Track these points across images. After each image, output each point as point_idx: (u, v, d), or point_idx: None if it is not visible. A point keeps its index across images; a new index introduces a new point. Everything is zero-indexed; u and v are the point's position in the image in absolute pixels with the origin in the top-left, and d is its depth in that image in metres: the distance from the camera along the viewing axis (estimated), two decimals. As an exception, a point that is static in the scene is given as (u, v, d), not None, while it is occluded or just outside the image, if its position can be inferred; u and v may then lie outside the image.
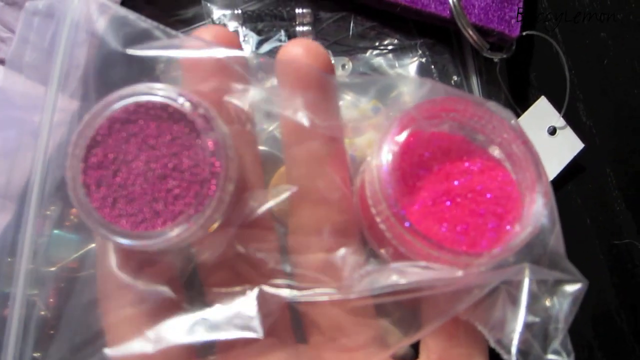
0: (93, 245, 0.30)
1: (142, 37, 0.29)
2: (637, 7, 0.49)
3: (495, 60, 0.50)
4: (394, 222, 0.29)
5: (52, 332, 0.29)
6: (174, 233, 0.27)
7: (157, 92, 0.27)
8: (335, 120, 0.30)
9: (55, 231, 0.31)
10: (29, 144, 0.31)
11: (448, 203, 0.30)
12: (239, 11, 0.48)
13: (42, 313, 0.29)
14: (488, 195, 0.30)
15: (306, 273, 0.30)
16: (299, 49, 0.30)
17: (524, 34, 0.49)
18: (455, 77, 0.50)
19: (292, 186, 0.30)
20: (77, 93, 0.30)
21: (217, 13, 0.48)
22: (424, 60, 0.51)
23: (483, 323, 0.29)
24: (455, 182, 0.30)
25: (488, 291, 0.29)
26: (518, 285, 0.29)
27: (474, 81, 0.51)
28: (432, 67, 0.50)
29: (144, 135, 0.27)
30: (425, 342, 0.31)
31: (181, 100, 0.27)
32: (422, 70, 0.50)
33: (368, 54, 0.50)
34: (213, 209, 0.27)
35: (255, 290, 0.29)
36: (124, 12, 0.29)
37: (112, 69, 0.29)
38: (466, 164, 0.31)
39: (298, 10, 0.49)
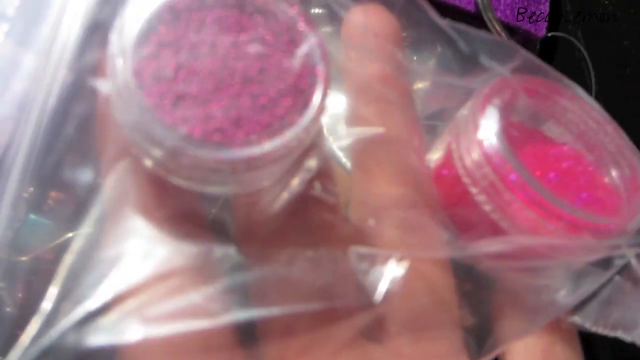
0: (71, 234, 0.23)
1: None
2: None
3: (518, 61, 0.46)
4: (502, 188, 0.24)
5: (19, 332, 0.22)
6: (265, 148, 0.20)
7: None
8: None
9: (32, 216, 0.25)
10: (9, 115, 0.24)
11: (552, 175, 0.25)
12: None
13: (9, 310, 0.24)
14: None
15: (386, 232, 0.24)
16: (364, 17, 0.27)
17: (549, 35, 0.46)
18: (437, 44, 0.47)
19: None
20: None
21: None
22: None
23: (602, 324, 0.24)
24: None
25: (593, 290, 0.24)
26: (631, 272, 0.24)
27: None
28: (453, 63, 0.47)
29: (220, 27, 0.21)
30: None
31: None
32: (442, 67, 0.46)
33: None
34: (310, 125, 0.21)
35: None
36: None
37: None
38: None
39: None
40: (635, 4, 0.48)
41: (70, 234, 0.24)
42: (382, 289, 0.22)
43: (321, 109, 0.21)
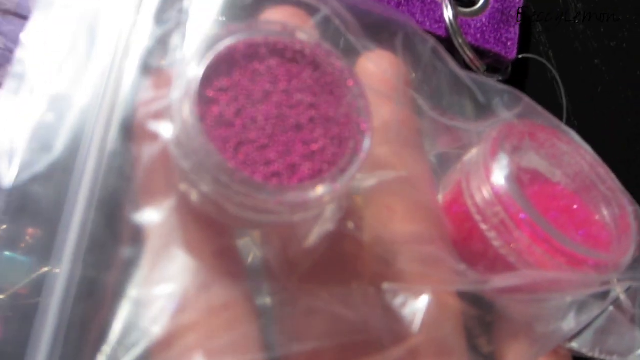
0: (47, 268, 0.24)
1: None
2: (630, 35, 0.50)
3: (491, 82, 0.48)
4: (512, 226, 0.26)
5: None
6: (318, 192, 0.22)
7: (295, 34, 0.24)
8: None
9: (7, 253, 0.25)
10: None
11: (553, 213, 0.28)
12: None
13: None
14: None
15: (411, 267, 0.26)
16: (377, 62, 0.28)
17: (520, 56, 0.48)
18: (452, 91, 0.49)
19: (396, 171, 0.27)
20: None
21: None
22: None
23: (598, 350, 0.27)
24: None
25: (590, 319, 0.26)
26: (628, 303, 0.27)
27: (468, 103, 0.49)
28: (425, 86, 0.48)
29: (273, 76, 0.23)
30: None
31: (319, 46, 0.24)
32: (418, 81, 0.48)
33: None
34: (356, 172, 0.23)
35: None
36: None
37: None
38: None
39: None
40: (604, 21, 0.51)
41: (45, 269, 0.24)
42: (417, 321, 0.24)
43: (366, 158, 0.23)
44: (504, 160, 0.27)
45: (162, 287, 0.23)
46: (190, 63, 0.22)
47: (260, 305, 0.24)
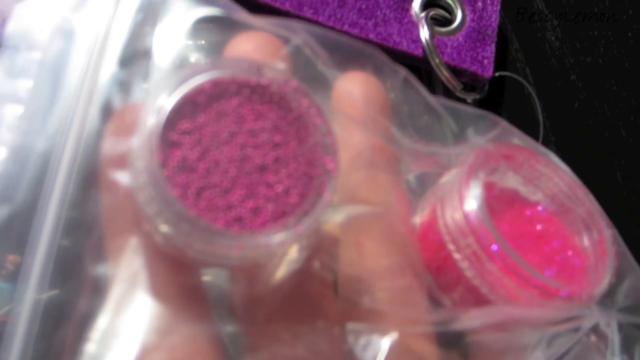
0: (29, 295, 0.24)
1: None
2: (605, 51, 0.50)
3: (468, 100, 0.48)
4: (483, 257, 0.26)
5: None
6: (280, 237, 0.22)
7: (262, 71, 0.23)
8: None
9: None
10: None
11: (528, 237, 0.28)
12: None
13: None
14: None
15: (379, 306, 0.25)
16: (353, 85, 0.28)
17: (496, 74, 0.48)
18: (426, 117, 0.48)
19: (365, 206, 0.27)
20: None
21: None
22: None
23: None
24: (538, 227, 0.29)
25: (561, 352, 0.26)
26: (602, 334, 0.27)
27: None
28: (398, 114, 0.48)
29: (239, 116, 0.23)
30: None
31: (286, 83, 0.23)
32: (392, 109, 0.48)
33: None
34: (321, 214, 0.23)
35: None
36: None
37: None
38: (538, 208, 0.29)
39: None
40: (579, 37, 0.51)
41: (29, 295, 0.24)
42: None
43: (330, 198, 0.23)
44: (477, 189, 0.26)
45: (122, 338, 0.22)
46: (153, 106, 0.22)
47: (224, 347, 0.24)
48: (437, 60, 0.47)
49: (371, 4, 0.48)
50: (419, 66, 0.49)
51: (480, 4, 0.50)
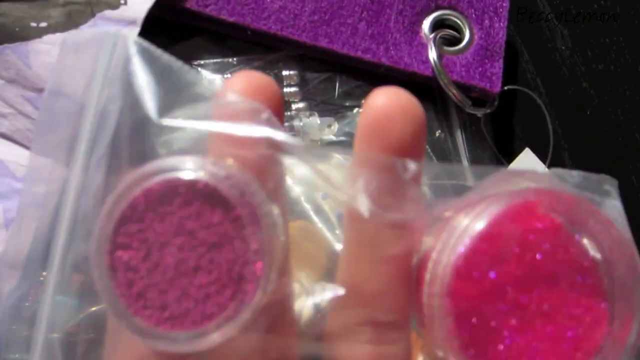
0: (93, 308, 0.27)
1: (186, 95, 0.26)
2: (617, 57, 0.50)
3: (479, 115, 0.50)
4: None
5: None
6: (206, 341, 0.24)
7: (203, 169, 0.24)
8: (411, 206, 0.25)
9: (58, 297, 0.28)
10: (32, 215, 0.29)
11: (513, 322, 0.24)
12: (229, 76, 0.49)
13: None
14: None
15: None
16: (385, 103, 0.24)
17: (505, 88, 0.50)
18: (438, 132, 0.51)
19: (338, 287, 0.26)
20: (103, 161, 0.26)
21: (208, 77, 0.48)
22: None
23: None
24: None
25: None
26: None
27: (459, 136, 0.51)
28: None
29: (180, 217, 0.24)
30: None
31: (228, 183, 0.24)
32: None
33: (355, 111, 0.50)
34: (249, 317, 0.24)
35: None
36: (168, 59, 0.26)
37: (147, 135, 0.26)
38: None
39: (285, 72, 0.50)
40: (590, 45, 0.52)
41: (92, 309, 0.27)
42: None
43: (259, 305, 0.24)
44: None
45: None
46: (103, 211, 0.24)
47: None
48: (445, 80, 0.49)
49: (382, 29, 0.51)
50: (431, 85, 0.51)
51: (487, 21, 0.51)
